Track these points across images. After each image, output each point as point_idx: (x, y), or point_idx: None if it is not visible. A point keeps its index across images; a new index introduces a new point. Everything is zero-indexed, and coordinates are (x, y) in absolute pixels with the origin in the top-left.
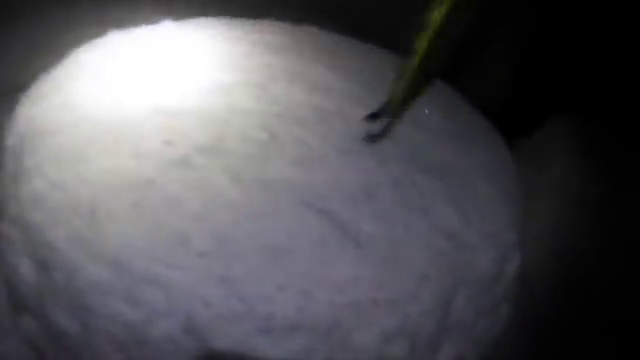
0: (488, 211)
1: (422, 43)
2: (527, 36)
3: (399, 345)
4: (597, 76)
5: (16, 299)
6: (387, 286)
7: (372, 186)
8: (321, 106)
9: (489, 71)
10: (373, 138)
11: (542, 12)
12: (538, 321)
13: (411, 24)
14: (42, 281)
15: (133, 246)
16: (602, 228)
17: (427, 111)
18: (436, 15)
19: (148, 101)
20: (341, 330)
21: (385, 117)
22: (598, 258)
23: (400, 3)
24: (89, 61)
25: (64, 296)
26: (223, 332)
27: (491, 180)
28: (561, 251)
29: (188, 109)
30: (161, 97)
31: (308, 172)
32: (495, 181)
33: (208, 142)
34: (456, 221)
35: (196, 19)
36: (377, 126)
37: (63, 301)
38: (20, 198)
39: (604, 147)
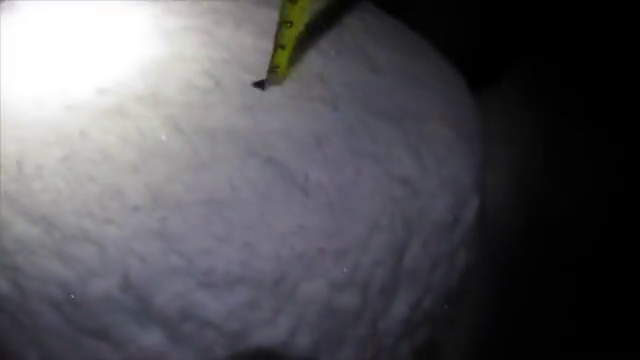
0: (445, 155)
1: None
2: None
3: (350, 295)
4: (558, 23)
5: None
6: (335, 236)
7: (323, 133)
8: (271, 51)
9: (454, 17)
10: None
11: None
12: (498, 264)
13: None
14: None
15: (63, 202)
16: (561, 169)
17: (386, 55)
18: None
19: (82, 48)
20: (287, 282)
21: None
22: (557, 199)
23: None
24: (21, 8)
25: None
26: (162, 288)
27: (450, 123)
28: (521, 194)
29: (125, 56)
30: (96, 43)
31: (255, 120)
32: (454, 125)
33: (146, 90)
34: (411, 166)
35: None
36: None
37: None
38: None
39: (562, 91)
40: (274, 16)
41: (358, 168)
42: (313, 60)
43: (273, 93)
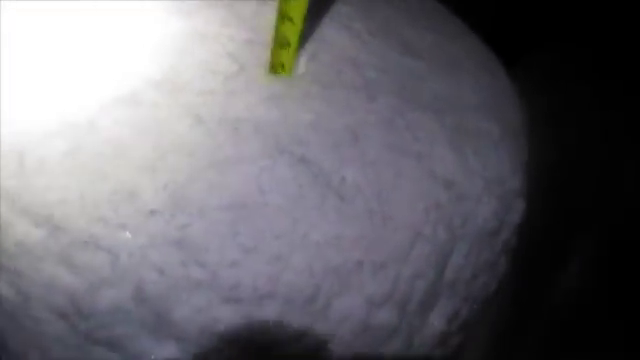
0: (490, 153)
1: None
2: None
3: (388, 311)
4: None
5: None
6: (374, 247)
7: (359, 126)
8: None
9: None
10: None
11: None
12: (521, 252)
13: None
14: None
15: (70, 202)
16: (598, 151)
17: (421, 37)
18: None
19: (90, 26)
20: (321, 299)
21: None
22: (589, 183)
23: None
24: None
25: None
26: (181, 302)
27: (493, 115)
28: (551, 179)
29: (138, 35)
30: (106, 21)
31: (284, 111)
32: (498, 117)
33: (162, 75)
34: (455, 166)
35: None
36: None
37: None
38: None
39: (595, 73)
40: None
41: (399, 169)
42: (345, 42)
43: (303, 80)
